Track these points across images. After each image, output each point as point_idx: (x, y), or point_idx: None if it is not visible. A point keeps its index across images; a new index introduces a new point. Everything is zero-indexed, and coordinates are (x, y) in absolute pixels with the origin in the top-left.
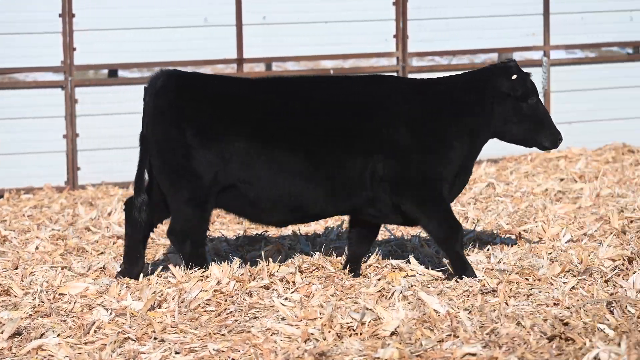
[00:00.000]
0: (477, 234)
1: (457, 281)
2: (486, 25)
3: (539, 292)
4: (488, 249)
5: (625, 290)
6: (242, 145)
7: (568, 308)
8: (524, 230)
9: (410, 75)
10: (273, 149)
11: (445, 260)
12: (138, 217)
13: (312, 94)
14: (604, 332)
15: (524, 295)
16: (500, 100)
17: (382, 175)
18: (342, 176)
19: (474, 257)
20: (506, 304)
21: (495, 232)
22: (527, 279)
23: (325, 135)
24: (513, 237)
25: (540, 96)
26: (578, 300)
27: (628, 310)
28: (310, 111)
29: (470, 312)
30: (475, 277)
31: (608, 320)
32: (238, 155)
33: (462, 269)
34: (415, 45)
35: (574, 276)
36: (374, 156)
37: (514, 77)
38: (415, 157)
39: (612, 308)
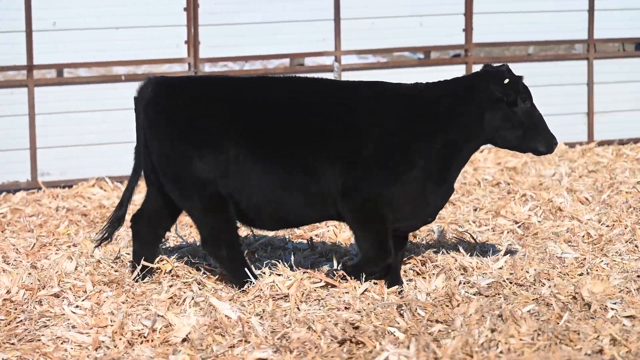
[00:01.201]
0: (269, 239)
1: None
2: (278, 31)
3: (331, 296)
4: (280, 254)
5: (416, 293)
6: (233, 148)
7: (359, 312)
8: (316, 235)
9: None
10: (259, 154)
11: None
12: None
13: (298, 97)
14: (394, 335)
15: (315, 299)
16: (491, 107)
17: (340, 186)
18: (319, 184)
19: (268, 262)
20: (298, 308)
21: (287, 237)
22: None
23: (303, 140)
24: (305, 241)
25: None
26: (369, 303)
27: (418, 313)
28: (293, 115)
29: (261, 317)
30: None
31: (398, 323)
32: (229, 160)
33: (355, 274)
34: (207, 51)
35: (366, 280)
36: (338, 165)
37: (507, 81)
38: (372, 173)
39: (402, 311)
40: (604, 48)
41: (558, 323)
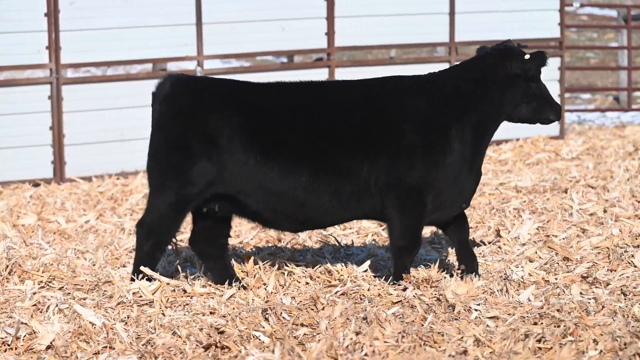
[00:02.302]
0: (134, 244)
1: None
2: (140, 36)
3: (196, 301)
4: None
5: (281, 297)
6: (245, 152)
7: (224, 316)
8: (180, 240)
9: (65, 87)
10: (278, 157)
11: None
12: None
13: (316, 99)
14: (259, 339)
15: (180, 305)
16: (511, 84)
17: (385, 181)
18: (348, 184)
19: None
20: (162, 314)
21: None
22: (184, 291)
23: (329, 141)
24: (169, 247)
25: None
26: (234, 308)
27: (283, 317)
28: (314, 116)
29: (126, 323)
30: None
31: (263, 327)
32: (240, 162)
33: (399, 279)
34: (69, 57)
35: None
36: (377, 161)
37: (527, 56)
38: (415, 162)
39: (267, 315)
40: (466, 51)
41: (422, 325)
